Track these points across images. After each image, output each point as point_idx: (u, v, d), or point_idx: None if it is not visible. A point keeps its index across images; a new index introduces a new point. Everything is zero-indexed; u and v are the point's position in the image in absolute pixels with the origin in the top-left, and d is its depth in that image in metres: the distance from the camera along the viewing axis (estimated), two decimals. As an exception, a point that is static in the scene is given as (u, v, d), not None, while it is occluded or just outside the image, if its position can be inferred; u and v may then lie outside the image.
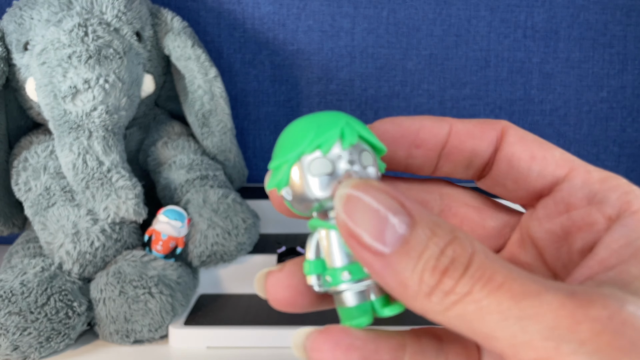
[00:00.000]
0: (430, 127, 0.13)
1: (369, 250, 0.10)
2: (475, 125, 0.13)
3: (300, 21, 0.52)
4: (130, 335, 0.33)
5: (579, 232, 0.12)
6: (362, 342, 0.12)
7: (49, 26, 0.37)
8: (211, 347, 0.33)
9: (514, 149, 0.13)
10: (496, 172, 0.13)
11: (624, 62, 0.53)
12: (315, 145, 0.11)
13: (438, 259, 0.10)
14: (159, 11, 0.43)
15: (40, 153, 0.40)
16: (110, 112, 0.36)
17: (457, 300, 0.10)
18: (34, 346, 0.31)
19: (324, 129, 0.11)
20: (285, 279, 0.13)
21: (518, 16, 0.52)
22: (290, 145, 0.11)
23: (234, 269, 0.39)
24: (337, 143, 0.11)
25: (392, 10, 0.52)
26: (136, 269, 0.34)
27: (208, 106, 0.43)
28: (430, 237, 0.10)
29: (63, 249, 0.35)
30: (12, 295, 0.31)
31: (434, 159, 0.14)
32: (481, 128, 0.13)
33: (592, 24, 0.53)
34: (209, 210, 0.38)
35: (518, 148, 0.13)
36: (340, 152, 0.11)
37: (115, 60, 0.37)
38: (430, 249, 0.10)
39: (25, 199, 0.39)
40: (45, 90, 0.37)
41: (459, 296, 0.09)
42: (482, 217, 0.14)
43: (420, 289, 0.10)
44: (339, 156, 0.11)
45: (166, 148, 0.43)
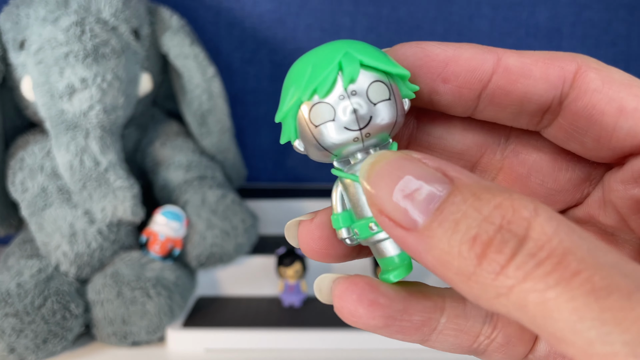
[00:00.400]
0: (468, 58, 0.11)
1: (400, 226, 0.08)
2: (536, 60, 0.10)
3: (299, 19, 0.52)
4: (127, 337, 0.33)
5: None
6: (389, 301, 0.10)
7: (45, 24, 0.37)
8: (209, 349, 0.33)
9: (595, 99, 0.10)
10: (568, 125, 0.10)
11: (627, 61, 0.53)
12: (312, 89, 0.10)
13: (480, 227, 0.07)
14: (156, 9, 0.43)
15: (37, 153, 0.39)
16: (107, 111, 0.36)
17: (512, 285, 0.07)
18: (30, 348, 0.31)
19: (320, 67, 0.10)
20: (317, 230, 0.11)
21: (521, 14, 0.52)
22: (289, 91, 0.10)
23: (232, 270, 0.39)
24: (338, 81, 0.10)
25: (393, 8, 0.52)
26: (134, 270, 0.34)
27: (206, 105, 0.43)
28: (471, 201, 0.08)
29: (60, 250, 0.35)
30: (9, 296, 0.31)
31: (470, 99, 0.11)
32: (544, 65, 0.10)
33: (595, 23, 0.52)
34: (207, 211, 0.37)
35: (600, 97, 0.10)
36: (341, 91, 0.10)
37: (112, 59, 0.36)
38: (469, 216, 0.08)
39: (22, 200, 0.39)
40: (42, 89, 0.36)
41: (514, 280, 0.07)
42: (555, 167, 0.11)
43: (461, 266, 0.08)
44: (342, 96, 0.10)
45: (164, 148, 0.43)
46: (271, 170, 0.55)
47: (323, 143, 0.10)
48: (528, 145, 0.12)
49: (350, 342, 0.33)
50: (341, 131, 0.10)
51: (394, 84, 0.11)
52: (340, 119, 0.10)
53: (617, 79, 0.10)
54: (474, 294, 0.08)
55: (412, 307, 0.10)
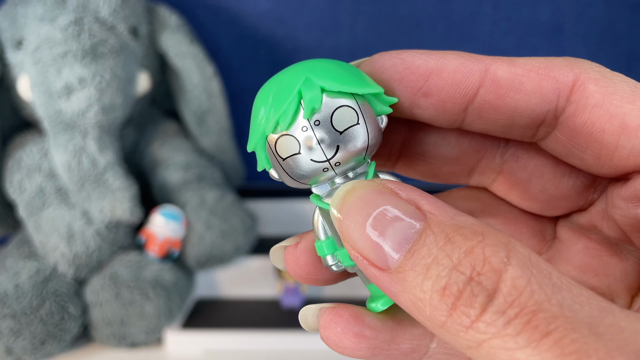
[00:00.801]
0: (452, 71, 0.09)
1: (374, 266, 0.08)
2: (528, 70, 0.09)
3: (299, 18, 0.51)
4: (126, 339, 0.32)
5: None
6: (374, 332, 0.10)
7: (43, 23, 0.37)
8: (208, 350, 0.33)
9: (595, 115, 0.09)
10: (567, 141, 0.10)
11: (630, 60, 0.53)
12: (274, 121, 0.10)
13: (450, 276, 0.07)
14: (155, 8, 0.42)
15: (34, 153, 0.39)
16: (105, 111, 0.36)
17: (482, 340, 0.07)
18: (28, 350, 0.31)
19: (281, 96, 0.09)
20: (302, 255, 0.11)
21: (522, 13, 0.52)
22: (255, 121, 0.10)
23: (231, 271, 0.38)
24: (299, 111, 0.09)
25: (393, 7, 0.51)
26: (132, 271, 0.34)
27: (205, 105, 0.42)
28: (443, 244, 0.07)
29: (58, 251, 0.34)
30: (6, 298, 0.31)
31: (455, 113, 0.10)
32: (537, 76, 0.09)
33: (597, 21, 0.52)
34: (206, 211, 0.37)
35: (601, 113, 0.09)
36: (304, 122, 0.09)
37: (110, 58, 0.36)
38: (440, 261, 0.07)
39: (20, 200, 0.38)
40: (40, 88, 0.36)
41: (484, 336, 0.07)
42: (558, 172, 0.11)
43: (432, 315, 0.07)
44: (304, 128, 0.09)
45: (163, 148, 0.43)
46: (271, 169, 0.55)
47: (293, 175, 0.10)
48: (530, 149, 0.11)
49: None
50: (309, 163, 0.10)
51: (364, 104, 0.10)
52: (306, 151, 0.09)
53: (619, 91, 0.09)
54: (447, 339, 0.07)
55: (399, 336, 0.10)
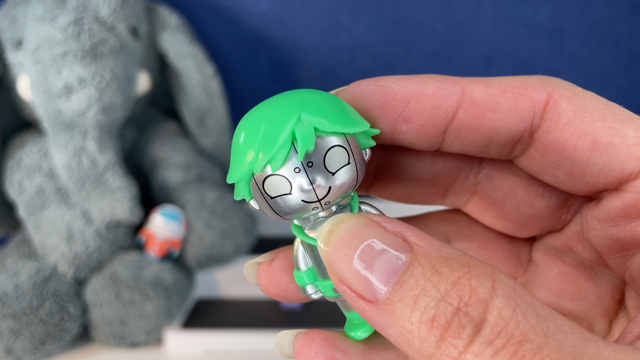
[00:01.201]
0: (430, 95, 0.10)
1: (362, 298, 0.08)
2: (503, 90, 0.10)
3: (299, 18, 0.51)
4: (126, 339, 0.32)
5: None
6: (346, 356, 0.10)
7: (43, 23, 0.37)
8: (208, 351, 0.33)
9: (567, 132, 0.09)
10: (540, 158, 0.10)
11: (630, 60, 0.53)
12: (265, 160, 0.09)
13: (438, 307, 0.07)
14: (155, 8, 0.42)
15: (34, 153, 0.39)
16: (105, 111, 0.36)
17: None
18: (28, 350, 0.31)
19: (272, 133, 0.09)
20: (276, 274, 0.11)
21: (523, 13, 0.51)
22: (240, 155, 0.09)
23: (231, 271, 0.38)
24: (291, 153, 0.09)
25: (393, 7, 0.51)
26: (132, 272, 0.34)
27: (205, 105, 0.42)
28: (430, 275, 0.07)
29: (58, 251, 0.34)
30: (6, 298, 0.31)
31: (435, 136, 0.10)
32: (512, 96, 0.10)
33: (597, 21, 0.52)
34: (206, 211, 0.37)
35: (572, 130, 0.09)
36: (296, 163, 0.09)
37: (110, 58, 0.36)
38: (427, 292, 0.07)
39: (19, 200, 0.38)
40: (40, 88, 0.36)
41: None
42: (531, 193, 0.11)
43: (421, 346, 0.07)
44: (297, 169, 0.09)
45: (163, 148, 0.43)
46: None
47: (280, 212, 0.10)
48: (503, 169, 0.11)
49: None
50: (299, 203, 0.09)
51: (351, 139, 0.10)
52: (297, 192, 0.09)
53: (591, 109, 0.09)
54: None
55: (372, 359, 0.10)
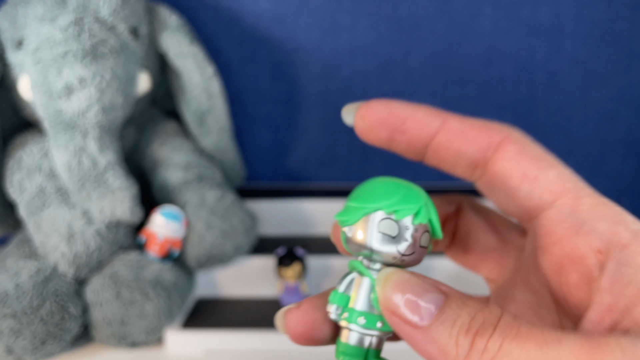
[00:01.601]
0: (420, 118, 0.14)
1: (410, 324, 0.11)
2: (471, 126, 0.14)
3: (299, 18, 0.51)
4: (126, 339, 0.32)
5: (572, 264, 0.12)
6: None
7: (43, 24, 0.37)
8: (208, 350, 0.33)
9: (508, 165, 0.13)
10: (490, 182, 0.14)
11: (630, 59, 0.53)
12: (394, 208, 0.13)
13: (470, 323, 0.11)
14: (155, 8, 0.42)
15: (35, 153, 0.39)
16: (106, 111, 0.36)
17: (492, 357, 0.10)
18: (28, 350, 0.31)
19: (408, 199, 0.13)
20: (303, 315, 0.14)
21: (522, 13, 0.52)
22: (373, 197, 0.13)
23: (231, 271, 0.38)
24: (410, 216, 0.13)
25: (393, 7, 0.51)
26: (132, 271, 0.34)
27: (205, 105, 0.42)
28: (462, 307, 0.11)
29: (58, 251, 0.34)
30: (7, 297, 0.31)
31: (420, 148, 0.14)
32: (478, 131, 0.13)
33: (597, 21, 0.52)
34: (206, 211, 0.37)
35: (512, 164, 0.13)
36: (409, 224, 0.13)
37: (111, 58, 0.36)
38: (462, 316, 0.11)
39: (20, 200, 0.38)
40: (40, 89, 0.36)
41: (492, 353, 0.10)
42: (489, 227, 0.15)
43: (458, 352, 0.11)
44: (407, 227, 0.13)
45: (163, 148, 0.43)
46: (270, 170, 0.55)
47: (370, 244, 0.13)
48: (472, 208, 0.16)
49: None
50: (391, 247, 0.13)
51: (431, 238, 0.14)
52: (399, 240, 0.13)
53: (529, 153, 0.13)
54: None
55: None
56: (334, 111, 0.53)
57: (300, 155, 0.55)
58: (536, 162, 0.13)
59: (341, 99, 0.53)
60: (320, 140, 0.54)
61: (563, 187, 0.12)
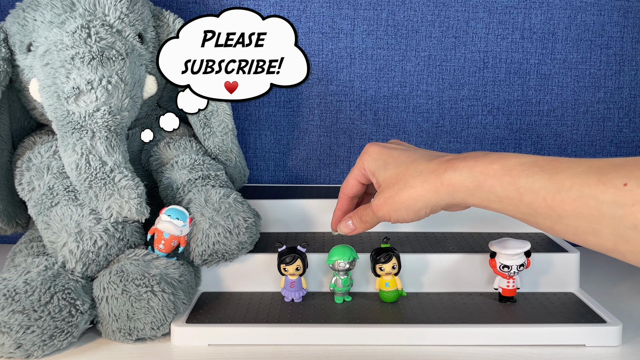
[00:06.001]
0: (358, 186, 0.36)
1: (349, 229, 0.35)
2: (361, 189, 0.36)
3: (300, 23, 0.53)
4: (132, 333, 0.33)
5: None
6: None
7: (52, 28, 0.38)
8: (213, 344, 0.34)
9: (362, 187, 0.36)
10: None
11: (620, 63, 0.54)
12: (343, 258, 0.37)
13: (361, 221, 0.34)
14: (161, 13, 0.43)
15: (43, 153, 0.40)
16: (113, 113, 0.37)
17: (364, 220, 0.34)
18: (37, 344, 0.31)
19: (346, 254, 0.36)
20: None
21: (516, 18, 0.53)
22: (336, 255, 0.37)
23: (235, 267, 0.39)
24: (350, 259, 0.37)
25: (391, 12, 0.53)
26: (139, 267, 0.34)
27: (209, 107, 0.43)
28: (359, 221, 0.35)
29: (66, 248, 0.35)
30: (16, 293, 0.32)
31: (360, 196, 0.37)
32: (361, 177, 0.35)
33: (589, 26, 0.53)
34: (210, 209, 0.38)
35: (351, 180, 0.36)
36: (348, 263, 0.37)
37: (117, 62, 0.37)
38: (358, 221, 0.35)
39: (29, 199, 0.39)
40: (49, 91, 0.37)
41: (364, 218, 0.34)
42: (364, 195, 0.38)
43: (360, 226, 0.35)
44: (347, 264, 0.37)
45: (168, 148, 0.44)
46: (272, 171, 0.56)
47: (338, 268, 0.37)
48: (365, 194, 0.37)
49: (349, 337, 0.34)
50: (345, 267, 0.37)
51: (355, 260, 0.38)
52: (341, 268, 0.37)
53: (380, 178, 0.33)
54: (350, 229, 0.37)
55: None
56: (333, 114, 0.55)
57: (301, 157, 0.56)
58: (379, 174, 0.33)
59: (341, 101, 0.54)
60: (321, 141, 0.55)
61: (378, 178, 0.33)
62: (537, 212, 0.24)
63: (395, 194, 0.30)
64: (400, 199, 0.30)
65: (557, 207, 0.23)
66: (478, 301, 0.37)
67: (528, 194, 0.24)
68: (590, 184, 0.22)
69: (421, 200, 0.29)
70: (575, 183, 0.22)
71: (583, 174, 0.22)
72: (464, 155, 0.28)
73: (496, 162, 0.26)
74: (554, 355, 0.32)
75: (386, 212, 0.31)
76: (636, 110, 0.55)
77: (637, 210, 0.20)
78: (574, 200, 0.22)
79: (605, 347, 0.33)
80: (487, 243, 0.39)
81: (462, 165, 0.27)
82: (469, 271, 0.39)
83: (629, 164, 0.22)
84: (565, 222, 0.23)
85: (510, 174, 0.25)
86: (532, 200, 0.24)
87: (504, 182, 0.25)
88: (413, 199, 0.29)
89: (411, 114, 0.55)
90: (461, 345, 0.33)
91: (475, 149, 0.55)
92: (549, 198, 0.23)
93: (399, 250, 0.39)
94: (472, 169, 0.27)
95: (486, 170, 0.26)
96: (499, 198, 0.26)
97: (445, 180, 0.28)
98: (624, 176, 0.21)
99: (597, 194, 0.22)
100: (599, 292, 0.41)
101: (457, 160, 0.28)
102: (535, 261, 0.39)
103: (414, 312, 0.36)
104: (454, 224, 0.45)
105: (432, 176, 0.28)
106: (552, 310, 0.36)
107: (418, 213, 0.30)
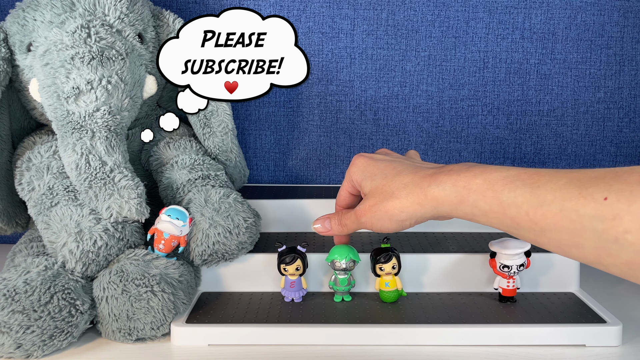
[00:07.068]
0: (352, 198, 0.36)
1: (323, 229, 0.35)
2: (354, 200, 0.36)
3: (300, 23, 0.53)
4: (132, 334, 0.33)
5: None
6: None
7: (52, 28, 0.38)
8: (213, 344, 0.34)
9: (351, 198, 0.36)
10: None
11: (620, 63, 0.54)
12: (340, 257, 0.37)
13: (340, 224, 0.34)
14: (160, 13, 0.43)
15: (43, 153, 0.40)
16: (112, 113, 0.37)
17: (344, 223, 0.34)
18: (37, 344, 0.31)
19: (344, 254, 0.37)
20: None
21: (516, 18, 0.53)
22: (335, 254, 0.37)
23: (235, 267, 0.39)
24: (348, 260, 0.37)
25: (391, 12, 0.53)
26: (138, 267, 0.34)
27: (209, 107, 0.43)
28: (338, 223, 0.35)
29: (66, 248, 0.35)
30: (16, 293, 0.32)
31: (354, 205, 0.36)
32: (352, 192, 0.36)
33: (589, 26, 0.53)
34: (210, 209, 0.38)
35: None
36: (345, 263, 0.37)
37: (117, 62, 0.37)
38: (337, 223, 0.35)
39: (29, 199, 0.39)
40: (49, 91, 0.37)
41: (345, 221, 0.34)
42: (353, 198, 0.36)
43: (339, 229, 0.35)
44: (343, 263, 0.37)
45: (168, 148, 0.44)
46: (272, 171, 0.56)
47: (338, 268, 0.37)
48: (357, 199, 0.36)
49: (349, 337, 0.34)
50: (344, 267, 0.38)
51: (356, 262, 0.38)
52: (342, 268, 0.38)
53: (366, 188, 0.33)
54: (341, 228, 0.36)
55: None
56: (333, 114, 0.55)
57: (301, 157, 0.56)
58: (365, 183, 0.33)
59: (341, 101, 0.54)
60: (321, 141, 0.55)
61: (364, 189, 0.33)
62: (521, 225, 0.24)
63: (380, 202, 0.30)
64: (385, 208, 0.30)
65: (540, 220, 0.23)
66: (478, 301, 0.37)
67: (511, 208, 0.25)
68: (571, 198, 0.22)
69: (405, 212, 0.29)
70: (557, 197, 0.23)
71: (564, 188, 0.23)
72: (448, 169, 0.29)
73: (479, 177, 0.26)
74: (554, 355, 0.32)
75: (369, 219, 0.31)
76: (636, 110, 0.55)
77: (617, 224, 0.20)
78: (555, 214, 0.23)
79: (605, 347, 0.33)
80: (487, 243, 0.39)
81: (446, 180, 0.28)
82: (469, 271, 0.39)
83: (608, 177, 0.22)
84: (548, 236, 0.23)
85: (493, 188, 0.26)
86: (515, 214, 0.24)
87: (487, 197, 0.26)
88: (397, 210, 0.29)
89: (411, 114, 0.55)
90: (461, 345, 0.33)
91: (475, 149, 0.55)
92: (532, 212, 0.24)
93: (399, 250, 0.39)
94: (455, 183, 0.27)
95: (469, 184, 0.27)
96: (483, 212, 0.26)
97: (429, 194, 0.28)
98: (604, 190, 0.21)
99: (578, 207, 0.22)
100: (599, 292, 0.41)
101: (441, 174, 0.28)
102: (535, 261, 0.39)
103: (414, 312, 0.36)
104: (454, 224, 0.45)
105: (417, 189, 0.29)
106: (552, 310, 0.36)
107: (402, 224, 0.30)
